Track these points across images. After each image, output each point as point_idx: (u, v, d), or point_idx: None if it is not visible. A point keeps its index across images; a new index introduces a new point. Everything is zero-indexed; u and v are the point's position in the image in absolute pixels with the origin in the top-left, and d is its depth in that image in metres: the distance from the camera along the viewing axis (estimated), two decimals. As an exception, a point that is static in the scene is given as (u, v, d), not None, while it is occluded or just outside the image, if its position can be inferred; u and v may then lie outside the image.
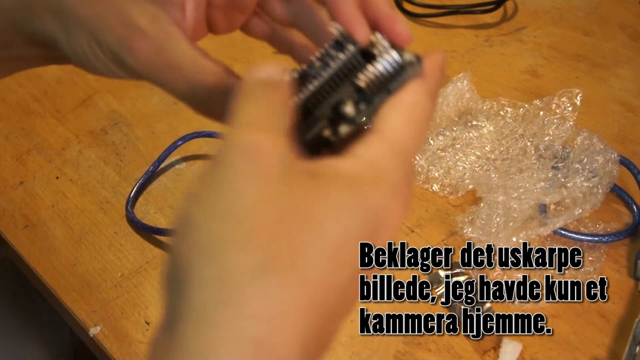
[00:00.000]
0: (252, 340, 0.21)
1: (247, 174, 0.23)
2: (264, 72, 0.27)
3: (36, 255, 0.60)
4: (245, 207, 0.22)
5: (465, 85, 0.67)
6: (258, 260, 0.22)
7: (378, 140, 0.26)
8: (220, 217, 0.22)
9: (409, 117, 0.27)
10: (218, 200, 0.23)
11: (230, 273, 0.22)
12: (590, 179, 0.57)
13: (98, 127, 0.72)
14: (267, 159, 0.23)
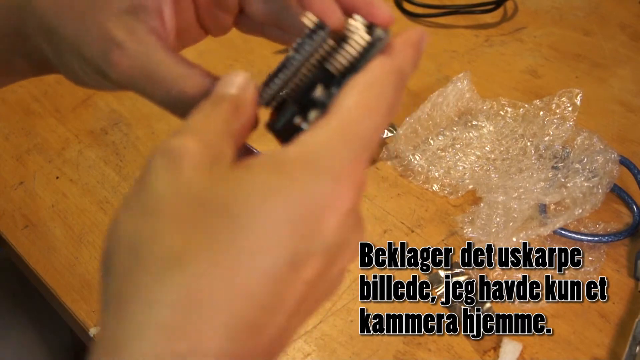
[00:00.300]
0: (165, 326, 0.21)
1: (164, 173, 0.23)
2: (224, 84, 0.28)
3: (36, 255, 0.60)
4: (160, 202, 0.23)
5: (465, 85, 0.67)
6: (172, 250, 0.22)
7: (325, 123, 0.25)
8: (139, 213, 0.23)
9: (362, 98, 0.26)
10: (138, 198, 0.24)
11: (144, 263, 0.22)
12: (590, 179, 0.57)
13: (98, 127, 0.72)
14: (186, 158, 0.24)
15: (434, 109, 0.66)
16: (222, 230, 0.22)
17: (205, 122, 0.26)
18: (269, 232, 0.22)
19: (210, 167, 0.23)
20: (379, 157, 0.66)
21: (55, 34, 0.32)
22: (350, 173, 0.24)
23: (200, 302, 0.22)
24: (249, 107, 0.28)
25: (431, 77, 0.77)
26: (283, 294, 0.23)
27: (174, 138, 0.24)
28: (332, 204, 0.23)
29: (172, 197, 0.23)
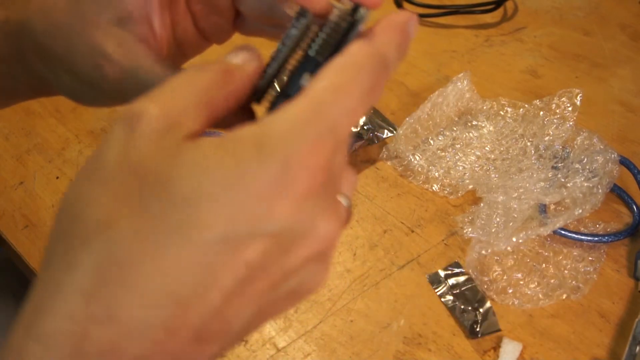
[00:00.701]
0: (83, 290, 0.21)
1: (117, 139, 0.23)
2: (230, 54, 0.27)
3: (36, 255, 0.60)
4: (104, 168, 0.23)
5: (465, 85, 0.67)
6: (102, 216, 0.22)
7: (292, 104, 0.23)
8: (85, 177, 0.23)
9: (334, 79, 0.24)
10: (90, 162, 0.23)
11: (75, 227, 0.22)
12: (590, 179, 0.57)
13: (98, 127, 0.72)
14: (141, 125, 0.22)
15: (434, 109, 0.66)
16: (155, 202, 0.21)
17: (180, 85, 0.24)
18: (201, 209, 0.21)
19: (162, 137, 0.22)
20: (379, 157, 0.66)
21: (49, 54, 0.32)
22: (307, 155, 0.22)
23: (121, 268, 0.21)
24: (243, 78, 0.26)
25: (431, 77, 0.77)
26: (215, 271, 0.22)
27: (138, 102, 0.23)
28: (280, 187, 0.22)
29: (117, 164, 0.22)
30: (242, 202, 0.21)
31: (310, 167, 0.22)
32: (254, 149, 0.22)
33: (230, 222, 0.21)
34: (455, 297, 0.54)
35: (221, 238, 0.21)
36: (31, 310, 0.23)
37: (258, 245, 0.22)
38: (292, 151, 0.22)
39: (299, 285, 0.25)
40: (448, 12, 0.85)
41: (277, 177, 0.22)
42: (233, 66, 0.26)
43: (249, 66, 0.27)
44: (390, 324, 0.53)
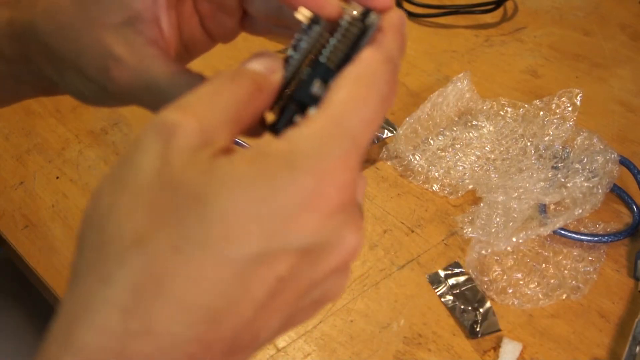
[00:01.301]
0: (120, 304, 0.21)
1: (151, 150, 0.23)
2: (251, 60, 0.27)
3: (36, 255, 0.60)
4: (138, 180, 0.22)
5: (465, 85, 0.67)
6: (137, 230, 0.22)
7: (314, 117, 0.24)
8: (116, 188, 0.23)
9: (352, 90, 0.24)
10: (120, 171, 0.23)
11: (109, 240, 0.22)
12: (590, 179, 0.57)
13: (98, 127, 0.72)
14: (176, 138, 0.23)
15: (434, 109, 0.66)
16: (191, 217, 0.22)
17: (214, 98, 0.24)
18: (237, 225, 0.22)
19: (197, 152, 0.23)
20: (379, 157, 0.66)
21: (56, 55, 0.32)
22: (336, 170, 0.23)
23: (158, 284, 0.21)
24: (269, 91, 0.26)
25: (431, 77, 0.77)
26: (248, 285, 0.22)
27: (172, 112, 0.23)
28: (311, 202, 0.22)
29: (151, 177, 0.22)
30: (275, 219, 0.22)
31: (339, 183, 0.23)
32: (285, 168, 0.22)
33: (263, 238, 0.22)
34: (455, 297, 0.54)
35: (255, 253, 0.22)
36: (65, 324, 0.22)
37: (289, 258, 0.23)
38: (320, 169, 0.23)
39: (322, 295, 0.25)
40: (448, 12, 0.85)
41: (308, 194, 0.22)
42: (262, 79, 0.26)
43: (275, 78, 0.27)
44: (390, 324, 0.53)
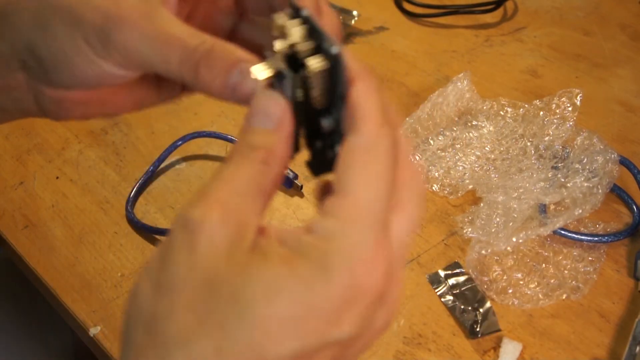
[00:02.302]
0: None
1: (182, 249, 0.23)
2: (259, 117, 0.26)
3: (36, 255, 0.60)
4: (175, 280, 0.23)
5: (465, 85, 0.67)
6: (181, 330, 0.23)
7: (338, 210, 0.24)
8: (156, 287, 0.24)
9: (370, 174, 0.25)
10: (158, 270, 0.24)
11: (154, 339, 0.23)
12: (590, 179, 0.57)
13: (98, 127, 0.72)
14: (204, 235, 0.23)
15: (434, 109, 0.66)
16: (231, 318, 0.22)
17: (233, 181, 0.25)
18: (276, 327, 0.22)
19: (230, 247, 0.23)
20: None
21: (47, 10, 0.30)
22: (372, 260, 0.23)
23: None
24: (282, 157, 0.26)
25: (431, 77, 0.77)
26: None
27: (196, 208, 0.24)
28: (349, 300, 0.23)
29: (187, 276, 0.23)
30: (314, 319, 0.23)
31: (376, 274, 0.24)
32: (320, 269, 0.23)
33: (302, 337, 0.23)
34: (455, 297, 0.54)
35: (294, 352, 0.23)
36: None
37: (327, 351, 0.24)
38: (355, 266, 0.23)
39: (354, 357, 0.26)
40: (448, 12, 0.85)
41: (345, 292, 0.23)
42: (268, 149, 0.26)
43: (281, 142, 0.26)
44: (390, 324, 0.53)
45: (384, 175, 0.25)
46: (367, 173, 0.25)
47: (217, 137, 0.69)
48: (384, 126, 0.25)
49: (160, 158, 0.67)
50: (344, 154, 0.25)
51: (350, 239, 0.23)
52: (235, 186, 0.25)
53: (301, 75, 0.26)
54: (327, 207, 0.25)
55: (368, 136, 0.25)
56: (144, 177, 0.65)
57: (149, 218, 0.63)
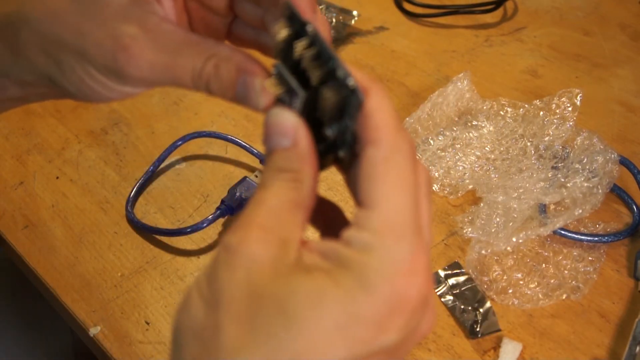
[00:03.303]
0: None
1: (227, 268, 0.25)
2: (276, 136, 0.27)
3: (36, 255, 0.60)
4: (223, 295, 0.24)
5: (465, 85, 0.67)
6: (233, 343, 0.23)
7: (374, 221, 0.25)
8: (205, 302, 0.25)
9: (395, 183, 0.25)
10: (207, 285, 0.25)
11: (207, 352, 0.24)
12: (590, 179, 0.57)
13: (98, 127, 0.72)
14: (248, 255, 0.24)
15: (434, 109, 0.66)
16: (279, 330, 0.23)
17: (267, 205, 0.26)
18: (323, 338, 0.23)
19: (274, 263, 0.24)
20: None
21: (53, 43, 0.31)
22: (412, 269, 0.24)
23: None
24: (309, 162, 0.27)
25: (431, 77, 0.77)
26: None
27: (234, 234, 0.25)
28: (392, 309, 0.24)
29: (233, 292, 0.24)
30: (359, 329, 0.23)
31: (418, 278, 0.25)
32: (362, 284, 0.24)
33: (349, 347, 0.23)
34: (455, 297, 0.54)
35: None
36: None
37: (375, 358, 0.24)
38: (396, 282, 0.24)
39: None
40: (448, 12, 0.85)
41: (388, 305, 0.24)
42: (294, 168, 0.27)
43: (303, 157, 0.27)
44: (390, 324, 0.53)
45: (409, 182, 0.26)
46: (393, 183, 0.25)
47: (217, 137, 0.69)
48: (400, 131, 0.26)
49: (160, 158, 0.67)
50: (367, 167, 0.26)
51: (388, 251, 0.24)
52: (271, 207, 0.26)
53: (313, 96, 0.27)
54: (359, 219, 0.25)
55: (387, 146, 0.26)
56: (144, 177, 0.65)
57: (149, 218, 0.63)
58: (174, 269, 0.58)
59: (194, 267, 0.59)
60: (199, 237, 0.61)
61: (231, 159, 0.68)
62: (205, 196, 0.64)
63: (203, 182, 0.66)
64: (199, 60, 0.30)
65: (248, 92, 0.29)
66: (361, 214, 0.25)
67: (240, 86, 0.30)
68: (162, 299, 0.56)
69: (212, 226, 0.60)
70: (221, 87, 0.30)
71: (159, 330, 0.54)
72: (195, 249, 0.60)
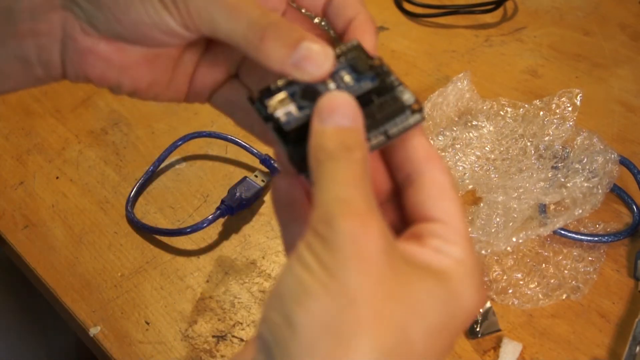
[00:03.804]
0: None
1: (355, 258, 0.24)
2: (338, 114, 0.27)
3: (36, 255, 0.60)
4: (354, 289, 0.23)
5: (465, 85, 0.67)
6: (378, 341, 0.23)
7: (454, 235, 0.27)
8: (334, 296, 0.23)
9: (458, 202, 0.28)
10: (332, 280, 0.23)
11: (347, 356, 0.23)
12: (590, 179, 0.57)
13: (98, 127, 0.72)
14: (367, 245, 0.24)
15: (434, 109, 0.66)
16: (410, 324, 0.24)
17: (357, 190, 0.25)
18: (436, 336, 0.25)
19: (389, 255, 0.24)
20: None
21: None
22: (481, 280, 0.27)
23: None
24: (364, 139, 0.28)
25: (431, 77, 0.77)
26: None
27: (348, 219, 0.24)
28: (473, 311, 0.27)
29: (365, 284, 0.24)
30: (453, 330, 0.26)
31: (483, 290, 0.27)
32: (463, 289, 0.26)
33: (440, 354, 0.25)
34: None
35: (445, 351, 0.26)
36: None
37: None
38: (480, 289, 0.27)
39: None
40: (448, 12, 0.85)
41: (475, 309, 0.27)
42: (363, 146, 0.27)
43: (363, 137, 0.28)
44: (390, 324, 0.53)
45: (460, 202, 0.29)
46: (456, 203, 0.28)
47: (217, 137, 0.69)
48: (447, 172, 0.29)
49: (160, 158, 0.67)
50: (436, 187, 0.28)
51: (471, 263, 0.27)
52: (359, 189, 0.25)
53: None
54: (443, 233, 0.27)
55: (447, 171, 0.29)
56: (144, 177, 0.65)
57: (149, 218, 0.63)
58: (174, 269, 0.58)
59: (194, 267, 0.59)
60: (199, 237, 0.61)
61: (231, 159, 0.68)
62: (205, 196, 0.64)
63: (203, 182, 0.66)
64: (261, 9, 0.30)
65: (311, 54, 0.29)
66: (440, 228, 0.27)
67: (304, 48, 0.29)
68: (162, 299, 0.56)
69: (212, 226, 0.60)
70: (277, 43, 0.29)
71: (159, 330, 0.54)
72: (195, 249, 0.60)
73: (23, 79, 0.34)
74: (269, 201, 0.64)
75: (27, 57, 0.32)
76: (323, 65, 0.29)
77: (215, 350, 0.53)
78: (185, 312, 0.55)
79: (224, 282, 0.57)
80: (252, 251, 0.60)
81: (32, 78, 0.34)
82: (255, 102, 0.30)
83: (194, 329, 0.54)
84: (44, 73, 0.33)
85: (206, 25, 0.30)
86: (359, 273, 0.23)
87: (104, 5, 0.31)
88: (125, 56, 0.33)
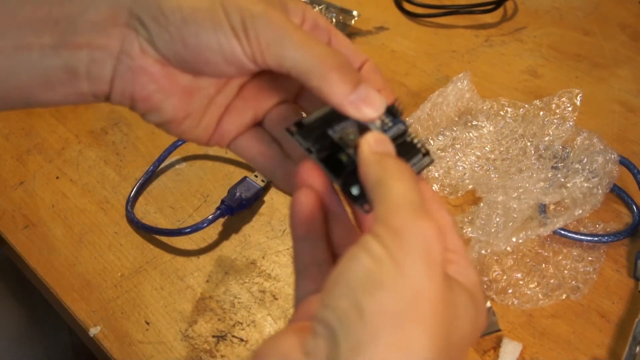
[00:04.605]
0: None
1: (424, 257, 0.25)
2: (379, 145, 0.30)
3: (36, 255, 0.60)
4: (421, 286, 0.25)
5: (465, 85, 0.67)
6: (434, 338, 0.24)
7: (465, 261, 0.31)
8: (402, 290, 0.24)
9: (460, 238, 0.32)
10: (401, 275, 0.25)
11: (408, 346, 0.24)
12: (590, 179, 0.57)
13: (98, 127, 0.72)
14: (434, 246, 0.25)
15: (434, 109, 0.66)
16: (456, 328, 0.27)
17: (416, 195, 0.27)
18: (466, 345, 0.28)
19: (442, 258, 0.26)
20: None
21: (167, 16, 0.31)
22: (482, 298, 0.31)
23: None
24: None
25: (431, 77, 0.77)
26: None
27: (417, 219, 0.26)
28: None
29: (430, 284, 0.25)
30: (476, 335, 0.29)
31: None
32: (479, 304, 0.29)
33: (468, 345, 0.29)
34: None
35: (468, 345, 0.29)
36: None
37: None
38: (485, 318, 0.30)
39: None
40: (448, 12, 0.85)
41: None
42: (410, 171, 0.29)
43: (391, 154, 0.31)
44: (390, 324, 0.53)
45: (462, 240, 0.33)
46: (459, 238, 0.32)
47: (217, 137, 0.69)
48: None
49: (160, 158, 0.67)
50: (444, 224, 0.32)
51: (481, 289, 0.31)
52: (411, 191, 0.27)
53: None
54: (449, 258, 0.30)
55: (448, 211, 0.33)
56: (144, 177, 0.65)
57: (149, 218, 0.63)
58: (174, 269, 0.58)
59: (194, 267, 0.59)
60: (199, 237, 0.61)
61: (231, 159, 0.68)
62: (205, 196, 0.64)
63: (203, 182, 0.66)
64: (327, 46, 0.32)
65: (370, 97, 0.31)
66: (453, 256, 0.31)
67: (364, 89, 0.31)
68: (162, 299, 0.56)
69: (212, 226, 0.60)
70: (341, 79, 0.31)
71: (159, 330, 0.54)
72: (195, 249, 0.60)
73: (66, 91, 0.33)
74: (269, 201, 0.64)
75: (77, 68, 0.32)
76: (378, 110, 0.31)
77: (215, 350, 0.53)
78: (185, 312, 0.55)
79: (224, 282, 0.57)
80: (252, 251, 0.60)
81: (75, 92, 0.33)
82: (294, 134, 0.31)
83: (194, 329, 0.54)
84: (89, 88, 0.33)
85: (273, 57, 0.31)
86: (426, 272, 0.25)
87: (172, 25, 0.31)
88: (173, 82, 0.33)
